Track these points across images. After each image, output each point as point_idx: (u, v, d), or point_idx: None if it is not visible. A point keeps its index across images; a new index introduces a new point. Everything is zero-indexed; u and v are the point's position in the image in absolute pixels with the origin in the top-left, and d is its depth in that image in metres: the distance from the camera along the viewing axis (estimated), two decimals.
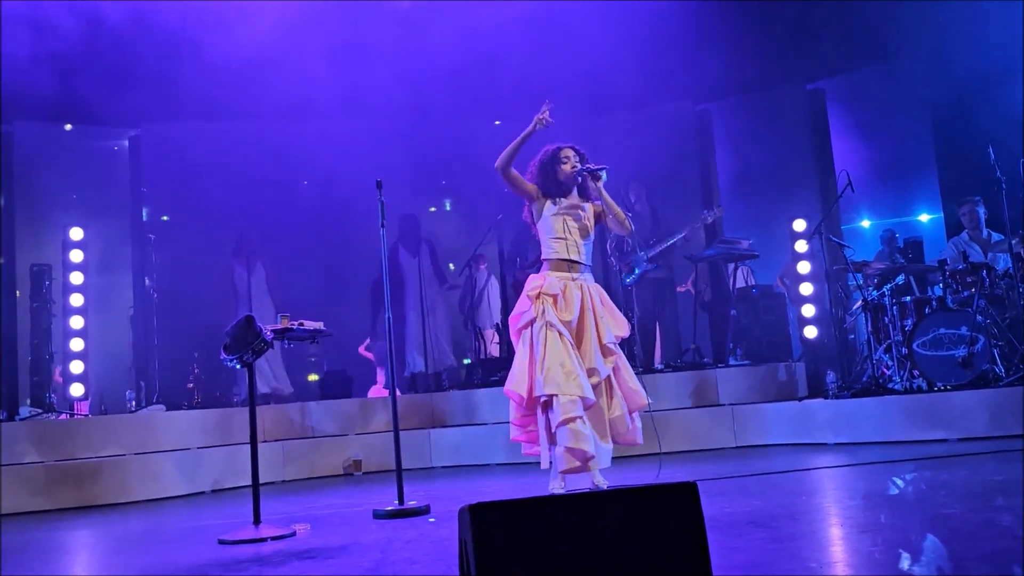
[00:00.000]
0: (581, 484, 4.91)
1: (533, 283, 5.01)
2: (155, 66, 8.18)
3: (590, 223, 5.08)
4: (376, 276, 8.56)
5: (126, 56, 8.00)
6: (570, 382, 4.72)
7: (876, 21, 8.60)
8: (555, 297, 4.91)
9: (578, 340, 4.89)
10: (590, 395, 4.76)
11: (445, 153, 9.87)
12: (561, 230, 5.02)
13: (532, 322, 4.90)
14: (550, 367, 4.75)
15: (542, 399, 4.78)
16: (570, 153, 5.13)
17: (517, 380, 4.90)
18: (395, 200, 5.62)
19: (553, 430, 4.76)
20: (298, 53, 8.14)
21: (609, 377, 4.93)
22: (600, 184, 5.01)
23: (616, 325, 5.02)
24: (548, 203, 5.09)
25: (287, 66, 8.19)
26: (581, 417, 4.73)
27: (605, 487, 4.78)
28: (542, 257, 5.10)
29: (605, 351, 4.90)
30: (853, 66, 9.77)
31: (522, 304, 5.02)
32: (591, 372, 4.83)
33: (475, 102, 9.29)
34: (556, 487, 4.87)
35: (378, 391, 9.66)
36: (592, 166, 5.03)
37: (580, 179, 5.07)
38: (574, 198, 5.10)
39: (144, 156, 9.88)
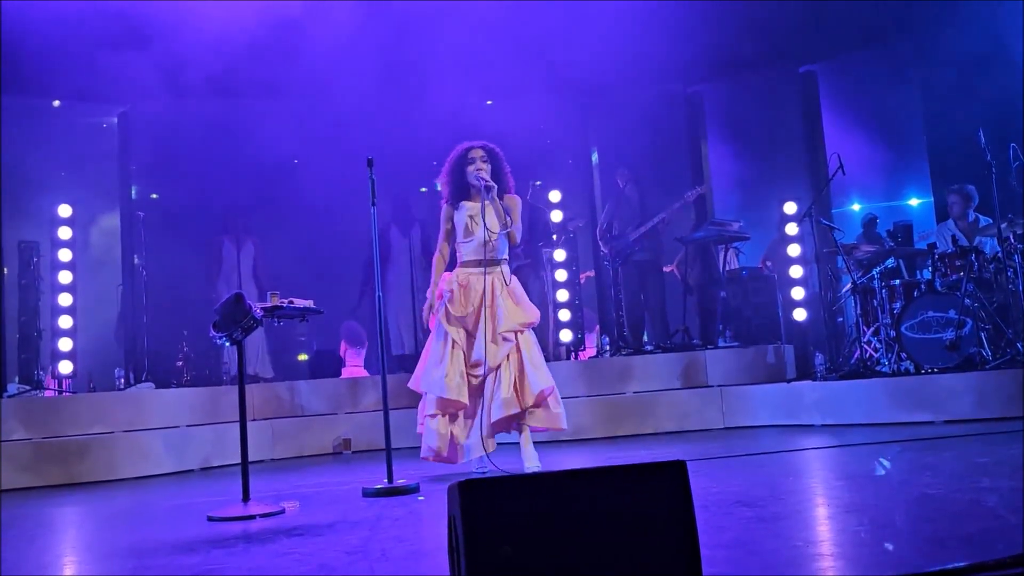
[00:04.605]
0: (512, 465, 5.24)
1: (440, 285, 5.41)
2: (145, 42, 8.11)
3: (496, 221, 5.31)
4: (366, 255, 8.55)
5: (116, 32, 7.92)
6: (439, 383, 5.17)
7: (868, 3, 8.58)
8: (451, 293, 5.28)
9: (473, 332, 5.23)
10: (453, 396, 5.14)
11: (436, 134, 9.84)
12: (469, 231, 5.36)
13: (437, 321, 5.36)
14: (428, 366, 5.31)
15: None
16: (477, 154, 5.40)
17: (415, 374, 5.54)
18: (386, 179, 5.62)
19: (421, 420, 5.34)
20: (289, 31, 8.09)
21: (505, 363, 5.19)
22: (492, 194, 5.28)
23: (521, 313, 5.29)
24: (456, 210, 5.44)
25: (278, 44, 8.14)
26: (443, 415, 5.23)
27: (536, 470, 5.11)
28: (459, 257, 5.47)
29: (498, 339, 5.19)
30: (845, 49, 9.75)
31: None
32: (476, 364, 5.18)
33: (467, 82, 9.25)
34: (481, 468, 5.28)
35: (350, 372, 9.63)
36: (485, 181, 5.28)
37: (480, 184, 5.30)
38: (491, 203, 5.33)
39: (133, 133, 9.80)
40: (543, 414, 5.24)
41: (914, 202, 10.32)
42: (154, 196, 10.44)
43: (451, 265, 5.53)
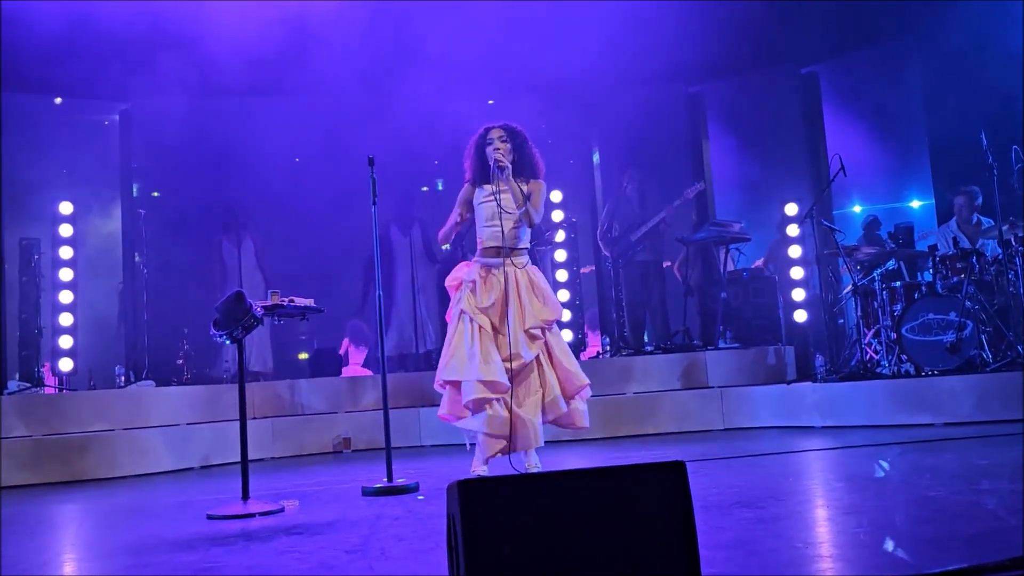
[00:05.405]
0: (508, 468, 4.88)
1: (454, 273, 5.12)
2: (147, 40, 8.12)
3: (519, 205, 4.99)
4: (367, 254, 8.55)
5: (117, 30, 7.92)
6: (472, 366, 4.78)
7: (870, 4, 8.58)
8: (473, 283, 4.97)
9: (501, 325, 4.90)
10: (493, 377, 4.75)
11: (437, 133, 9.85)
12: (490, 217, 5.02)
13: (459, 312, 4.99)
14: (454, 354, 4.90)
15: (445, 383, 4.95)
16: (496, 134, 5.10)
17: (438, 371, 5.06)
18: (387, 178, 5.61)
19: (461, 414, 4.90)
20: (291, 31, 8.09)
21: (540, 360, 4.92)
22: (506, 175, 4.98)
23: (545, 310, 4.97)
24: (477, 191, 5.12)
25: (279, 42, 8.13)
26: (490, 400, 4.78)
27: (536, 470, 4.80)
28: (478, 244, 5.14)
29: (529, 335, 4.89)
30: (847, 50, 9.75)
31: (452, 296, 5.13)
32: (514, 356, 4.82)
33: (468, 82, 9.25)
34: (480, 470, 4.91)
35: (352, 371, 9.63)
36: (502, 161, 4.98)
37: (493, 164, 5.00)
38: (504, 182, 5.01)
39: (135, 131, 9.80)
40: (571, 410, 4.98)
41: (915, 204, 10.31)
42: (155, 194, 10.44)
43: (460, 253, 5.30)
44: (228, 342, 4.58)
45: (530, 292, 4.99)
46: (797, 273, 9.26)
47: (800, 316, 9.14)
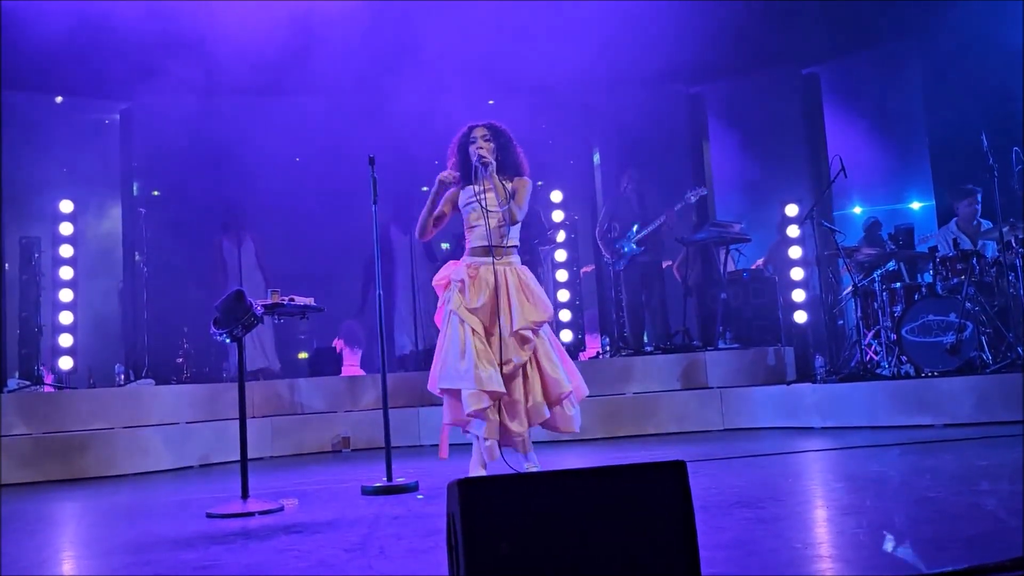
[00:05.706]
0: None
1: (442, 272, 4.99)
2: (148, 39, 8.12)
3: (503, 203, 4.84)
4: (367, 254, 8.55)
5: (118, 29, 7.92)
6: (468, 375, 4.62)
7: (872, 4, 8.58)
8: (461, 283, 4.82)
9: (492, 326, 4.76)
10: (492, 387, 4.60)
11: (437, 133, 9.83)
12: (476, 218, 4.88)
13: (448, 313, 4.84)
14: (448, 359, 4.73)
15: (442, 391, 4.80)
16: (479, 132, 4.96)
17: (431, 374, 4.94)
18: (387, 178, 5.59)
19: (463, 420, 4.73)
20: (292, 31, 8.09)
21: (526, 364, 4.77)
22: (489, 171, 4.84)
23: (534, 311, 4.78)
24: (462, 192, 4.98)
25: (280, 42, 8.14)
26: (488, 408, 4.65)
27: (536, 470, 4.71)
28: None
29: (518, 338, 4.72)
30: (848, 51, 9.76)
31: (440, 296, 5.00)
32: (505, 361, 4.68)
33: (469, 81, 9.25)
34: (479, 472, 4.81)
35: (347, 371, 9.62)
36: (485, 157, 4.86)
37: (476, 162, 4.87)
38: (487, 180, 4.85)
39: (135, 130, 9.81)
40: (556, 415, 4.83)
41: (916, 205, 10.32)
42: (156, 193, 10.44)
43: (461, 252, 5.14)
44: (228, 340, 4.57)
45: (520, 292, 4.83)
46: (797, 274, 9.26)
47: (800, 317, 9.14)
